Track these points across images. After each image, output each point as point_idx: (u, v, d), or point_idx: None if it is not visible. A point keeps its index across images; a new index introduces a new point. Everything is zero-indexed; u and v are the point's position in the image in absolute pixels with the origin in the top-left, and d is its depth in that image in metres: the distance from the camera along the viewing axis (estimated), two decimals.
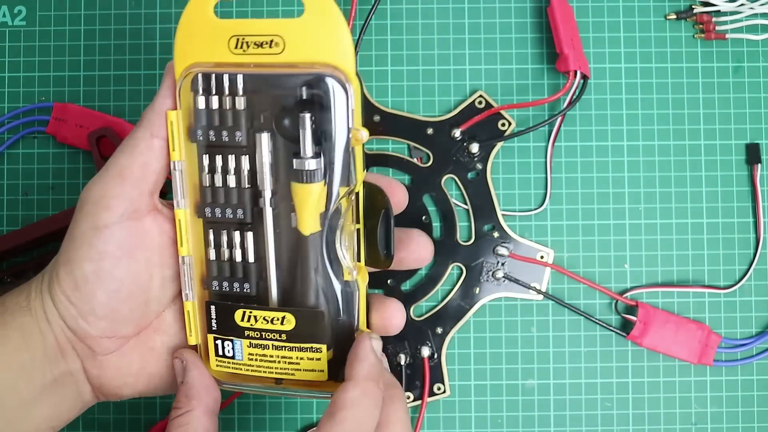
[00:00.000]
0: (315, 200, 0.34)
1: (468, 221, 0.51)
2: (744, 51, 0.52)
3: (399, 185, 0.39)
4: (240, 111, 0.34)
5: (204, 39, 0.34)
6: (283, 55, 0.33)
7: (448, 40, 0.52)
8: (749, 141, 0.51)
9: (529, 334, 0.51)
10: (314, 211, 0.34)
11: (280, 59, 0.33)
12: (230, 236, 0.36)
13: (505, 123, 0.51)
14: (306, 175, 0.33)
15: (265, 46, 0.33)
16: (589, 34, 0.52)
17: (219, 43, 0.34)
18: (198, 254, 0.36)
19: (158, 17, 0.52)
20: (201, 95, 0.34)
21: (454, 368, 0.51)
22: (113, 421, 0.50)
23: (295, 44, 0.33)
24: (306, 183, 0.33)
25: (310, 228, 0.34)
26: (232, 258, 0.36)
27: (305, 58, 0.33)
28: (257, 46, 0.33)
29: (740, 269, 0.51)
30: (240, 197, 0.35)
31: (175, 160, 0.35)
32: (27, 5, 0.52)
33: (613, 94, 0.52)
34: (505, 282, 0.51)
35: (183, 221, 0.35)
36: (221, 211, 0.35)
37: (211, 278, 0.36)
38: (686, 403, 0.51)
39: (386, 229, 0.35)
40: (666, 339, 0.49)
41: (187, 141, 0.35)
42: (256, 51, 0.33)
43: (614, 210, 0.51)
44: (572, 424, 0.51)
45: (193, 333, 0.37)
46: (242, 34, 0.33)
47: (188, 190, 0.35)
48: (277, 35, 0.33)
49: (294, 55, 0.33)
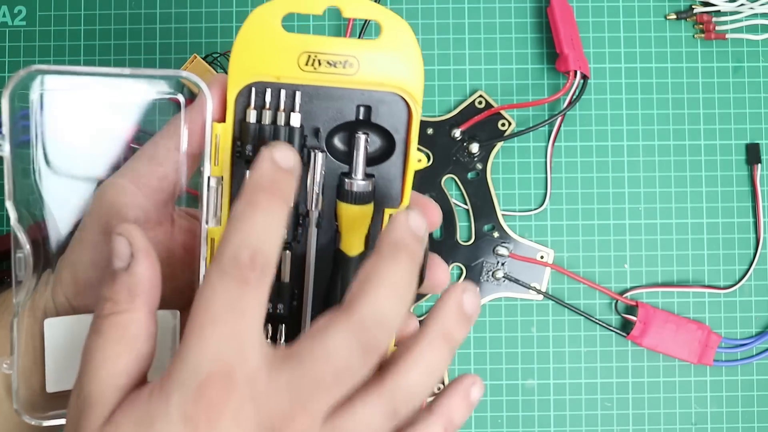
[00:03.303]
0: (363, 221, 0.33)
1: (468, 221, 0.51)
2: (744, 51, 0.52)
3: (434, 205, 0.37)
4: (295, 128, 0.33)
5: (270, 53, 0.32)
6: (357, 76, 0.32)
7: (448, 40, 0.52)
8: (749, 141, 0.51)
9: (529, 334, 0.51)
10: (361, 232, 0.34)
11: (352, 80, 0.32)
12: None
13: (505, 123, 0.51)
14: (356, 197, 0.33)
15: (339, 66, 0.32)
16: (589, 34, 0.52)
17: (287, 59, 0.32)
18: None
19: (158, 17, 0.52)
20: (253, 109, 0.33)
21: (454, 368, 0.51)
22: None
23: (369, 66, 0.32)
24: (355, 204, 0.33)
25: (355, 249, 0.34)
26: None
27: (377, 79, 0.32)
28: (330, 65, 0.32)
29: (740, 269, 0.51)
30: None
31: (215, 175, 0.33)
32: (27, 5, 0.52)
33: (613, 94, 0.52)
34: (505, 282, 0.51)
35: (216, 240, 0.33)
36: None
37: None
38: (686, 403, 0.51)
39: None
40: (666, 339, 0.49)
41: (229, 157, 0.33)
42: (328, 70, 0.32)
43: (614, 210, 0.51)
44: (572, 424, 0.51)
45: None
46: (315, 51, 0.32)
47: (225, 207, 0.33)
48: (352, 56, 0.32)
49: (367, 76, 0.32)
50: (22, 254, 0.32)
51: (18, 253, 0.32)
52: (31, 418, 0.32)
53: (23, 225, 0.32)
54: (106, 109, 0.34)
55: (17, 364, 0.32)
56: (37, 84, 0.33)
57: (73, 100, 0.34)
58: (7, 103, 0.31)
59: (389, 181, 0.34)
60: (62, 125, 0.34)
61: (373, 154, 0.34)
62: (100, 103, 0.34)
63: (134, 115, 0.34)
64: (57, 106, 0.33)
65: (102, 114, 0.34)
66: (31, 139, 0.33)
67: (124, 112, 0.34)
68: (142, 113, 0.35)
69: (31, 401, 0.33)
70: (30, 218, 0.33)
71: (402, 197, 0.34)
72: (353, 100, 0.33)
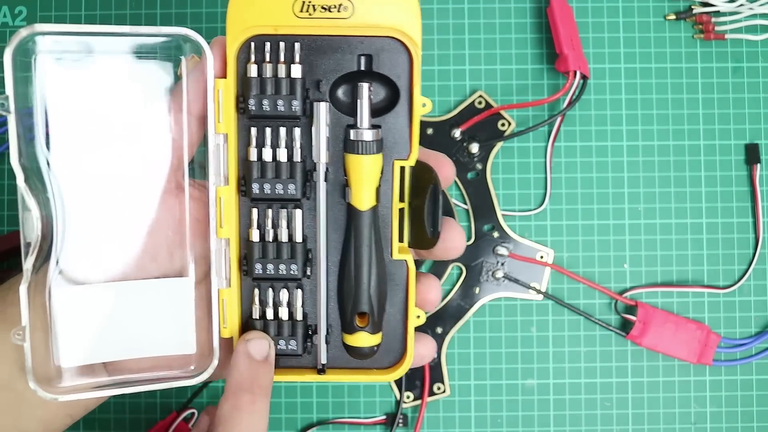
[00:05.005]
0: (372, 173, 0.33)
1: (468, 221, 0.51)
2: (743, 51, 0.52)
3: (447, 160, 0.36)
4: (297, 80, 0.32)
5: (265, 3, 0.32)
6: (352, 19, 0.32)
7: (448, 40, 0.52)
8: (748, 141, 0.51)
9: (528, 334, 0.51)
10: (371, 184, 0.33)
11: (348, 23, 0.32)
12: (276, 214, 0.34)
13: (504, 123, 0.51)
14: (364, 147, 0.32)
15: (333, 9, 0.32)
16: (589, 34, 0.52)
17: (282, 7, 0.32)
18: (234, 236, 0.34)
19: (158, 18, 0.52)
20: (253, 63, 0.32)
21: (453, 368, 0.51)
22: (113, 421, 0.50)
23: (364, 8, 0.32)
24: (363, 154, 0.32)
25: (367, 203, 0.33)
26: (278, 238, 0.34)
27: (373, 23, 0.32)
28: (324, 10, 0.32)
29: (739, 269, 0.51)
30: (291, 171, 0.33)
31: (220, 132, 0.32)
32: (28, 6, 0.52)
33: (613, 95, 0.52)
34: (505, 282, 0.51)
35: (225, 200, 0.33)
36: (271, 186, 0.33)
37: (254, 261, 0.33)
38: (685, 403, 0.51)
39: (433, 206, 0.33)
40: (665, 339, 0.49)
41: (232, 113, 0.33)
42: (323, 15, 0.32)
43: (614, 210, 0.51)
44: (572, 423, 0.51)
45: (228, 324, 0.34)
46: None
47: (231, 166, 0.33)
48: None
49: (362, 19, 0.32)
50: (29, 215, 0.32)
51: (26, 215, 0.32)
52: (46, 393, 0.32)
53: (30, 186, 0.32)
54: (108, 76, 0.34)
55: (29, 335, 0.31)
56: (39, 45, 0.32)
57: (75, 67, 0.33)
58: (10, 62, 0.31)
59: (396, 131, 0.33)
60: (64, 94, 0.33)
61: (378, 105, 0.34)
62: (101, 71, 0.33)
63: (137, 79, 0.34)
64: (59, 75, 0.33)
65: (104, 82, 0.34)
66: (33, 107, 0.32)
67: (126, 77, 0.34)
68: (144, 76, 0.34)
69: (46, 376, 0.33)
70: (38, 185, 0.32)
71: (411, 147, 0.33)
72: (354, 50, 0.33)
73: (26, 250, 0.32)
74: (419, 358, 0.36)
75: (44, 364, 0.33)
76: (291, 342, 0.34)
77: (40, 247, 0.32)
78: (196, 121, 0.33)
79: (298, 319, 0.34)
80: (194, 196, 0.35)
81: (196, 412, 0.49)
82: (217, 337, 0.34)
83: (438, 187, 0.32)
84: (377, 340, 0.34)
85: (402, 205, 0.34)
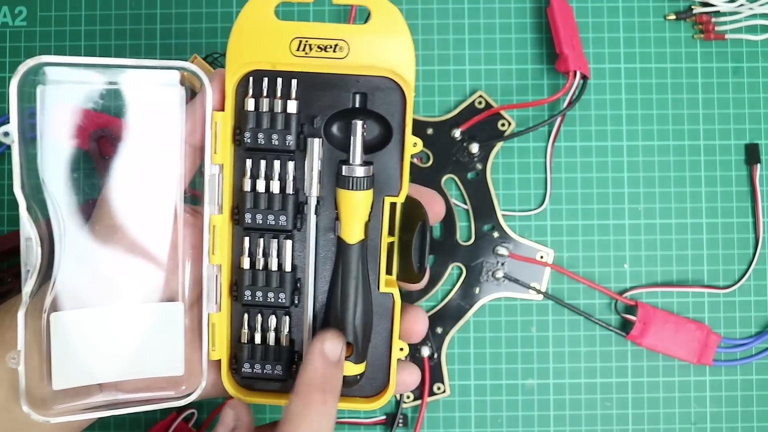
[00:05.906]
0: (363, 208, 0.34)
1: (468, 221, 0.51)
2: (743, 51, 0.52)
3: (437, 197, 0.38)
4: (292, 115, 0.33)
5: (263, 40, 0.33)
6: (347, 60, 0.33)
7: (448, 40, 0.52)
8: (748, 141, 0.51)
9: (528, 334, 0.51)
10: (360, 219, 0.34)
11: (343, 63, 0.33)
12: (267, 244, 0.35)
13: (504, 123, 0.51)
14: (355, 183, 0.33)
15: (329, 49, 0.33)
16: (589, 34, 0.52)
17: (280, 45, 0.33)
18: (226, 263, 0.35)
19: (158, 18, 0.52)
20: (251, 97, 0.33)
21: (454, 368, 0.51)
22: (113, 421, 0.50)
23: (360, 50, 0.33)
24: (354, 190, 0.33)
25: (356, 236, 0.34)
26: (268, 267, 0.35)
27: (368, 63, 0.33)
28: (321, 50, 0.33)
29: (739, 269, 0.51)
30: (284, 203, 0.34)
31: (216, 163, 0.34)
32: (28, 6, 0.52)
33: (613, 95, 0.52)
34: (505, 282, 0.51)
35: (218, 227, 0.34)
36: (263, 217, 0.34)
37: (244, 287, 0.35)
38: (685, 403, 0.51)
39: (421, 243, 0.34)
40: (665, 339, 0.49)
41: (229, 144, 0.34)
42: (319, 54, 0.33)
43: (614, 210, 0.51)
44: (572, 423, 0.51)
45: (217, 347, 0.35)
46: (306, 36, 0.33)
47: (226, 195, 0.34)
48: (342, 39, 0.33)
49: (358, 59, 0.33)
50: (30, 242, 0.32)
51: (26, 242, 0.32)
52: (39, 417, 0.32)
53: (31, 214, 0.32)
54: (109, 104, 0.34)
55: (24, 358, 0.32)
56: (44, 76, 0.33)
57: (77, 95, 0.34)
58: (15, 93, 0.31)
59: (388, 168, 0.34)
60: (66, 122, 0.34)
61: (371, 142, 0.34)
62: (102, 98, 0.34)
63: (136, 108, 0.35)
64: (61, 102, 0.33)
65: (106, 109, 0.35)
66: (37, 136, 0.33)
67: (126, 107, 0.35)
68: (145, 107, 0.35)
69: (39, 398, 0.33)
70: (38, 212, 0.33)
71: (401, 184, 0.34)
72: (349, 88, 0.34)
73: (26, 276, 0.33)
74: (403, 386, 0.37)
75: (38, 386, 0.33)
76: (277, 367, 0.35)
77: (38, 273, 0.33)
78: (193, 151, 0.34)
79: (284, 345, 0.35)
80: (188, 222, 0.35)
81: (195, 412, 0.49)
82: (206, 360, 0.35)
83: (426, 224, 0.34)
84: (361, 369, 0.35)
85: (391, 239, 0.35)
